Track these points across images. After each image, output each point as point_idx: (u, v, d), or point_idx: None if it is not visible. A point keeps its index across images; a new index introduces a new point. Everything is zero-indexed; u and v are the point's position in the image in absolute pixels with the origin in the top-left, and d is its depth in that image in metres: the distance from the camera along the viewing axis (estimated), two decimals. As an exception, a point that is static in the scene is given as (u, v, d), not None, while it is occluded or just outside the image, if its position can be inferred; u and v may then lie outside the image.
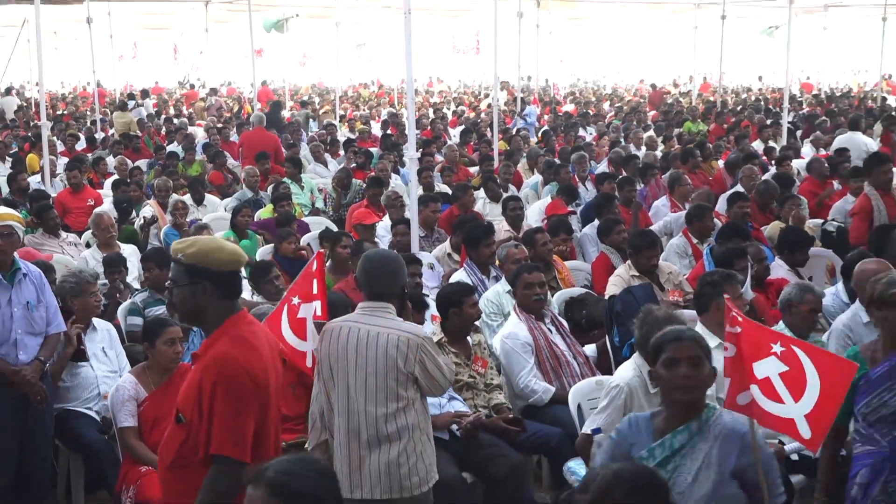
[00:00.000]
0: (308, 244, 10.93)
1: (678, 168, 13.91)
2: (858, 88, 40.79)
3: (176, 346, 6.45)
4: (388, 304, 5.28)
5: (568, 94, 40.68)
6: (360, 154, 16.60)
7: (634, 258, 8.59)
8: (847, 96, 35.59)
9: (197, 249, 4.24)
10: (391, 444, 5.15)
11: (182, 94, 38.49)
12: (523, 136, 20.36)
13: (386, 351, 5.11)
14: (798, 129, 21.62)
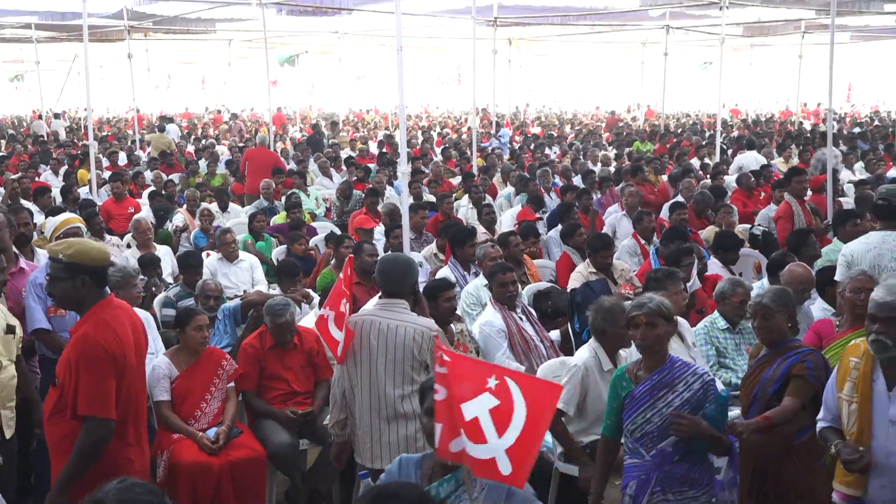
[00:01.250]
0: (315, 245, 10.92)
1: (628, 181, 13.94)
2: (782, 114, 40.93)
3: (203, 331, 6.42)
4: (402, 300, 5.32)
5: (535, 118, 40.71)
6: (360, 169, 16.60)
7: (592, 257, 8.61)
8: (770, 121, 35.71)
9: (75, 250, 4.40)
10: (408, 421, 5.17)
11: (209, 118, 38.41)
12: (498, 153, 20.38)
13: (404, 341, 5.14)
14: (729, 149, 21.67)
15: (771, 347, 5.16)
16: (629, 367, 4.75)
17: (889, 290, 4.29)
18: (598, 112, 45.62)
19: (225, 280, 9.35)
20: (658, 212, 11.86)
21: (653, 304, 4.63)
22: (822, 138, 19.10)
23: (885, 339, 4.25)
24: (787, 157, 19.32)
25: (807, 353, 5.05)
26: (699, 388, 4.56)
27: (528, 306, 7.64)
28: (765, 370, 5.11)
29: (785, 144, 21.63)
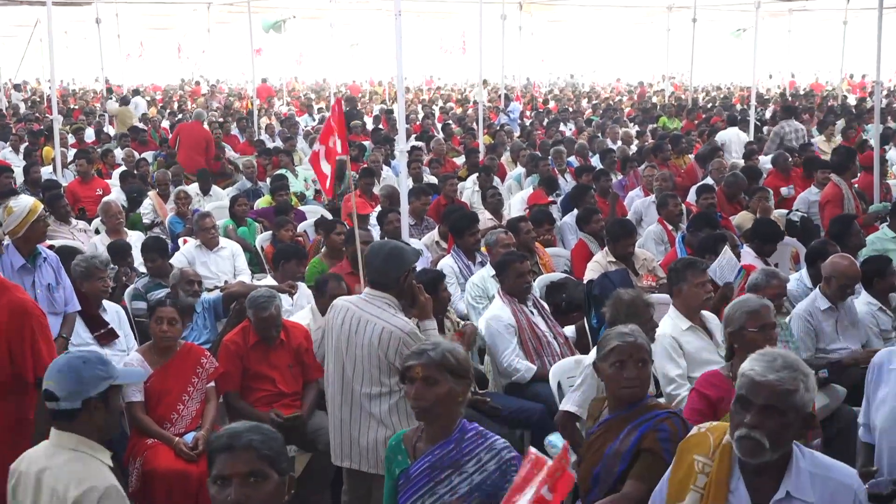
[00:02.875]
0: (304, 231, 10.94)
1: (651, 161, 13.94)
2: (812, 87, 40.81)
3: (163, 325, 6.39)
4: (388, 294, 5.24)
5: (548, 91, 40.66)
6: (354, 147, 16.58)
7: (612, 245, 8.62)
8: (810, 95, 35.62)
9: None
10: (378, 425, 5.16)
11: (187, 90, 38.39)
12: (507, 130, 20.38)
13: (370, 340, 5.12)
14: (764, 126, 21.63)
15: (619, 409, 4.46)
16: (407, 435, 4.10)
17: (769, 363, 3.36)
18: (618, 85, 45.52)
19: (204, 269, 9.37)
20: (685, 195, 11.85)
21: (435, 354, 3.94)
22: (869, 114, 19.10)
23: (759, 436, 3.30)
24: (830, 134, 19.27)
25: (662, 417, 4.34)
26: (494, 469, 3.87)
27: (540, 299, 7.66)
28: (609, 442, 4.38)
29: (827, 121, 21.59)
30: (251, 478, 2.97)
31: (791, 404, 3.31)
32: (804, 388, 3.33)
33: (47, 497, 3.67)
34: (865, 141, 15.94)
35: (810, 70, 46.27)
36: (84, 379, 3.76)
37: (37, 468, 3.75)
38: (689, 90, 29.72)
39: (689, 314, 6.36)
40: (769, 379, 3.31)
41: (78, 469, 3.69)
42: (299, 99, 35.28)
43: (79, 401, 3.74)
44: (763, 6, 21.71)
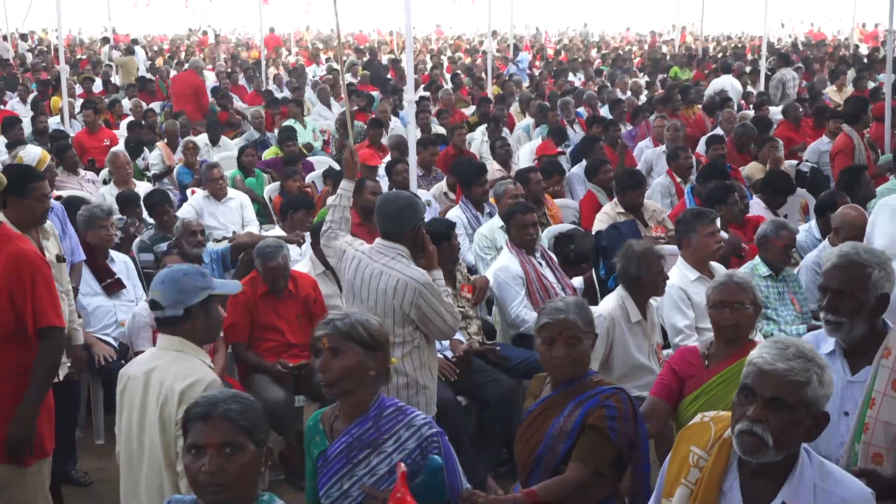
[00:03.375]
0: (312, 182, 10.92)
1: (661, 111, 13.86)
2: (812, 35, 40.46)
3: None
4: (400, 245, 5.22)
5: (557, 41, 40.38)
6: (362, 97, 16.52)
7: (621, 196, 8.58)
8: (822, 44, 35.33)
9: None
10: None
11: (194, 41, 38.21)
12: (516, 81, 20.27)
13: (385, 291, 5.10)
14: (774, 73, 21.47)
15: (562, 384, 4.15)
16: (325, 413, 3.81)
17: (781, 351, 3.03)
18: (627, 34, 45.18)
19: (212, 220, 9.38)
20: (694, 145, 11.80)
21: (342, 324, 3.67)
22: (881, 63, 18.94)
23: (762, 431, 2.97)
24: (841, 85, 19.12)
25: (608, 393, 4.05)
26: (415, 447, 3.62)
27: (549, 250, 7.65)
28: (551, 419, 4.10)
29: (838, 71, 21.41)
30: (226, 448, 2.90)
31: (801, 399, 2.97)
32: (818, 382, 2.98)
33: (155, 391, 3.98)
34: (879, 90, 15.82)
35: (822, 19, 45.89)
36: (185, 289, 4.05)
37: (144, 369, 4.08)
38: (700, 39, 29.46)
39: (698, 265, 6.36)
40: (778, 368, 2.97)
41: (184, 366, 4.00)
42: (307, 49, 35.09)
43: (181, 309, 4.03)
44: (775, -46, 21.50)
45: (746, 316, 4.70)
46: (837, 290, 3.88)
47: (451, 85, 20.13)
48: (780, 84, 16.75)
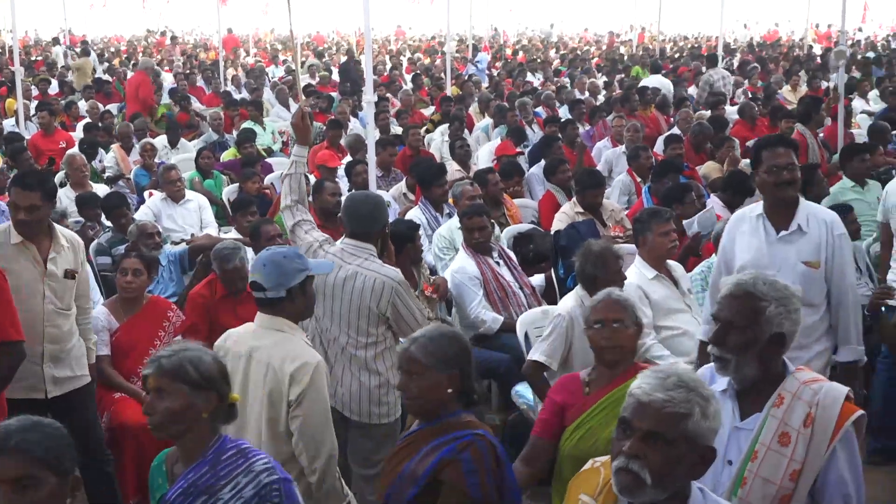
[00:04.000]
0: (271, 183, 10.88)
1: (619, 111, 13.93)
2: (764, 37, 40.85)
3: (127, 276, 6.38)
4: (369, 244, 5.25)
5: (516, 42, 40.46)
6: (321, 98, 16.48)
7: (580, 196, 8.62)
8: (777, 44, 35.67)
9: None
10: (360, 372, 5.18)
11: (152, 42, 37.93)
12: (475, 81, 20.29)
13: (361, 291, 5.10)
14: (733, 75, 21.64)
15: (426, 421, 3.82)
16: (169, 454, 3.56)
17: (660, 381, 2.77)
18: (586, 35, 45.37)
19: (170, 222, 9.32)
20: (651, 145, 11.87)
21: (169, 363, 3.36)
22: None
23: (639, 468, 2.71)
24: (795, 84, 19.33)
25: (467, 441, 3.64)
26: (252, 495, 3.31)
27: (508, 250, 7.67)
28: (408, 458, 3.75)
29: (792, 71, 21.64)
30: (21, 483, 2.72)
31: (681, 432, 2.70)
32: (701, 415, 2.72)
33: (261, 370, 4.20)
34: (833, 89, 16.01)
35: (776, 20, 46.31)
36: (286, 271, 4.24)
37: (247, 347, 4.28)
38: (658, 40, 29.65)
39: (655, 263, 6.39)
40: (656, 398, 2.71)
41: (290, 347, 4.20)
42: (266, 50, 34.94)
43: (283, 290, 4.23)
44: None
45: (627, 336, 4.39)
46: (727, 322, 3.47)
47: (412, 86, 20.13)
48: (707, 85, 17.18)
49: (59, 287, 5.41)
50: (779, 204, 5.05)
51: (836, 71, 14.94)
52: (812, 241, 4.98)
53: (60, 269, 5.43)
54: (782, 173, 4.97)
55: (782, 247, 5.00)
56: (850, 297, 5.01)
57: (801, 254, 4.98)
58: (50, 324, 5.40)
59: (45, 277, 5.36)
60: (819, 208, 5.29)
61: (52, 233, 5.46)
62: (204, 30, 42.88)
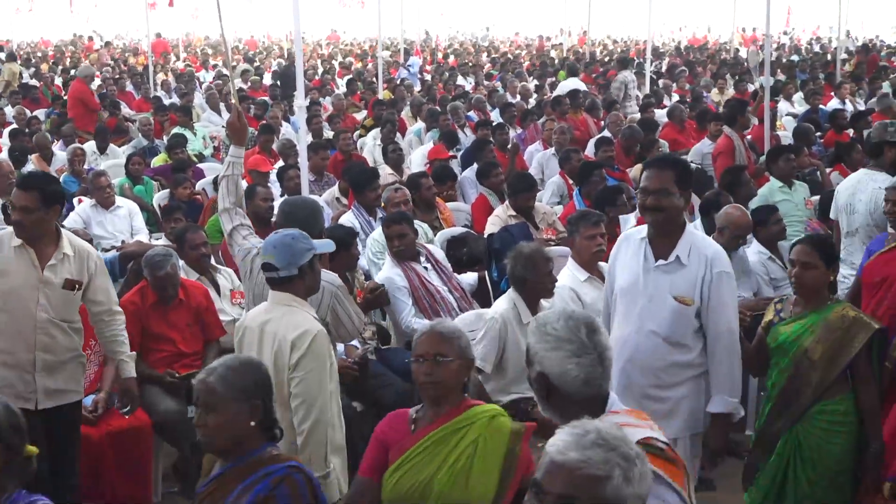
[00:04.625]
0: (203, 189, 10.78)
1: (550, 115, 14.01)
2: (714, 42, 41.44)
3: None
4: None
5: (448, 45, 40.56)
6: (259, 105, 16.37)
7: (513, 199, 8.66)
8: (704, 48, 36.16)
9: None
10: None
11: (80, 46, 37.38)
12: (407, 85, 20.29)
13: None
14: (660, 79, 21.91)
15: (230, 461, 3.56)
16: None
17: (577, 438, 2.45)
18: (517, 39, 45.61)
19: (100, 229, 9.19)
20: (583, 148, 11.97)
21: None
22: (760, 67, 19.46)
23: None
24: (722, 87, 19.62)
25: (280, 476, 3.46)
26: None
27: (441, 252, 7.66)
28: (230, 490, 3.51)
29: (720, 74, 21.95)
30: None
31: (598, 497, 2.37)
32: (622, 478, 2.39)
33: (270, 340, 4.47)
34: (757, 92, 16.28)
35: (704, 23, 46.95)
36: (296, 251, 4.54)
37: (259, 321, 4.58)
38: (588, 44, 29.91)
39: (586, 265, 6.44)
40: (569, 459, 2.40)
41: (295, 318, 4.47)
42: (196, 54, 34.62)
43: (295, 268, 4.52)
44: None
45: (450, 372, 3.88)
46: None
47: (345, 90, 20.08)
48: (622, 86, 17.73)
49: (56, 296, 5.26)
50: (657, 230, 4.73)
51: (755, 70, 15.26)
52: (689, 275, 4.63)
53: (60, 277, 5.27)
54: (646, 198, 4.66)
55: (658, 276, 4.69)
56: (724, 342, 4.65)
57: (675, 287, 4.66)
58: (43, 332, 5.25)
59: (40, 283, 5.22)
60: (705, 241, 4.86)
61: (58, 240, 5.31)
62: (131, 35, 42.40)
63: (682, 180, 4.66)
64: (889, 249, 5.57)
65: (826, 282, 4.95)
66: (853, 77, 19.85)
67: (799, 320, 4.93)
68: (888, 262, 5.49)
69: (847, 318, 4.82)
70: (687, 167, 4.93)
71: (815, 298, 4.93)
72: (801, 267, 4.87)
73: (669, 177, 4.62)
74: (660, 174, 4.64)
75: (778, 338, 4.97)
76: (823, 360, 4.80)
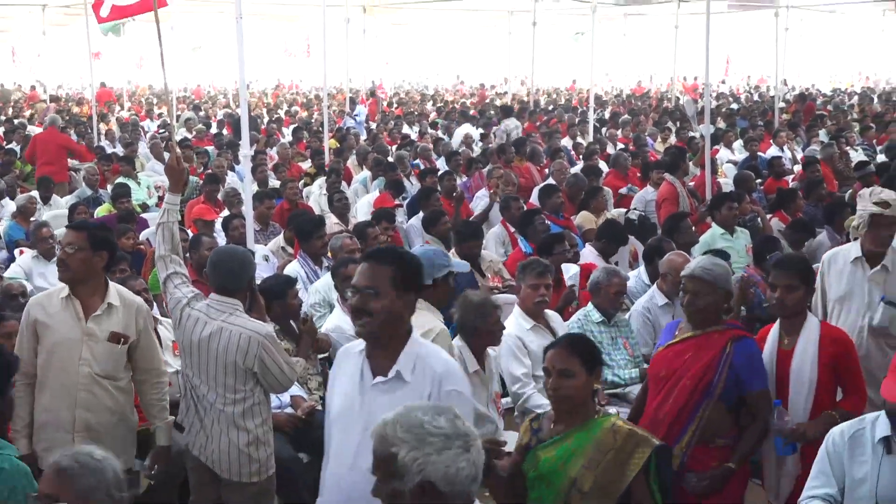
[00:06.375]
0: (147, 239, 10.68)
1: (495, 162, 14.09)
2: (633, 91, 42.04)
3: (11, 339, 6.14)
4: (236, 299, 5.18)
5: (393, 94, 40.71)
6: (201, 154, 16.29)
7: (458, 247, 8.67)
8: (646, 97, 36.66)
9: None
10: (229, 429, 5.09)
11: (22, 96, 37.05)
12: (354, 134, 20.32)
13: (227, 348, 5.02)
14: (603, 126, 22.16)
15: None
16: None
17: None
18: (462, 87, 45.92)
19: (42, 281, 9.07)
20: (527, 196, 12.03)
21: None
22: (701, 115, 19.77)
23: None
24: (666, 137, 19.88)
25: None
26: None
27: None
28: None
29: (661, 122, 22.25)
30: None
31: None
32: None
33: None
34: (693, 139, 16.56)
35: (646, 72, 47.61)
36: (434, 265, 5.12)
37: None
38: (531, 92, 30.16)
39: (531, 314, 6.47)
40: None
41: (422, 319, 4.68)
42: (140, 104, 34.43)
43: (430, 279, 4.95)
44: (599, 10, 22.26)
45: None
46: None
47: (291, 139, 20.05)
48: (505, 134, 18.54)
49: (101, 350, 5.10)
50: (369, 340, 3.90)
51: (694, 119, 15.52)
52: (412, 395, 3.70)
53: (105, 330, 5.12)
54: (352, 298, 3.89)
55: (376, 397, 3.82)
56: None
57: None
58: (85, 389, 5.07)
59: (84, 336, 5.06)
60: (437, 354, 3.93)
61: (105, 291, 5.17)
62: (73, 84, 42.08)
63: (405, 277, 3.82)
64: (680, 340, 5.09)
65: (589, 392, 4.21)
66: (790, 125, 20.24)
67: (562, 442, 4.16)
68: (678, 355, 5.03)
69: (620, 434, 4.10)
70: (411, 262, 3.96)
71: (578, 413, 4.21)
72: None
73: (384, 273, 3.78)
74: (371, 269, 3.81)
75: (538, 465, 4.18)
76: (595, 491, 4.04)
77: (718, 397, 4.90)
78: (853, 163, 14.42)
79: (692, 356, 4.96)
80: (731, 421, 4.97)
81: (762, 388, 4.98)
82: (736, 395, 4.95)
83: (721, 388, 4.89)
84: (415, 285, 3.91)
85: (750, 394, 4.95)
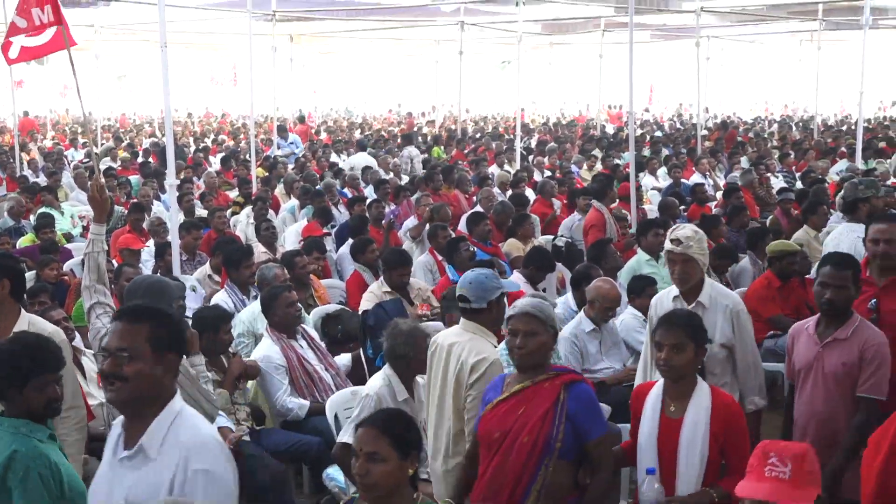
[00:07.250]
0: (71, 269, 10.51)
1: (423, 190, 14.12)
2: (581, 117, 42.51)
3: None
4: None
5: (321, 122, 40.64)
6: (126, 183, 16.09)
7: (387, 275, 8.67)
8: (572, 124, 37.04)
9: None
10: None
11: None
12: (282, 162, 20.21)
13: None
14: (530, 154, 22.34)
15: None
16: None
17: None
18: (390, 115, 46.03)
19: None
20: (455, 224, 12.07)
21: None
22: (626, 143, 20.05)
23: None
24: (591, 164, 20.09)
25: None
26: None
27: (313, 331, 7.59)
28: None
29: (587, 149, 22.50)
30: None
31: None
32: None
33: (454, 361, 5.14)
34: (617, 166, 16.78)
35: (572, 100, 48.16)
36: (487, 288, 5.19)
37: (449, 342, 5.25)
38: (459, 120, 30.32)
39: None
40: None
41: (478, 345, 5.13)
42: (64, 133, 33.95)
43: (485, 302, 5.17)
44: (525, 39, 22.48)
45: None
46: None
47: (219, 167, 19.91)
48: (409, 160, 20.06)
49: None
50: (122, 410, 3.53)
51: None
52: (152, 476, 3.37)
53: None
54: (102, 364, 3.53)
55: (122, 475, 3.45)
56: None
57: (132, 493, 3.39)
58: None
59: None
60: (193, 421, 3.53)
61: (16, 320, 5.16)
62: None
63: (164, 336, 3.46)
64: (510, 395, 4.65)
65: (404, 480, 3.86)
66: (712, 152, 20.58)
67: None
68: (511, 411, 4.60)
69: None
70: (171, 320, 3.60)
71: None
72: None
73: (139, 333, 3.42)
74: (124, 329, 3.45)
75: None
76: None
77: (559, 454, 4.50)
78: (774, 189, 14.71)
79: (526, 410, 4.55)
80: (575, 479, 4.60)
81: (601, 435, 4.57)
82: (576, 450, 4.54)
83: (560, 442, 4.49)
84: (177, 344, 3.49)
85: (590, 443, 4.54)
